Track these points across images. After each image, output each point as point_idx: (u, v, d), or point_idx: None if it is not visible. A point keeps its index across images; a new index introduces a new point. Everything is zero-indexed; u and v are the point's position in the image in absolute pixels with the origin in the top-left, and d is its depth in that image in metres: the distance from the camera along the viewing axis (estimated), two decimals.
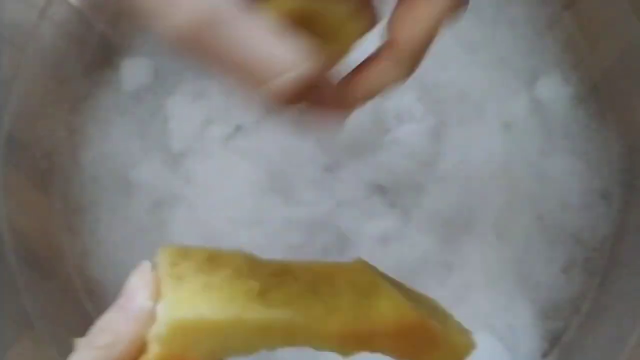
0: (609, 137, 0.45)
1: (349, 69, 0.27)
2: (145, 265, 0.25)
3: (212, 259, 0.25)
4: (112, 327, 0.24)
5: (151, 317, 0.23)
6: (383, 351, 0.24)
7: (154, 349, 0.23)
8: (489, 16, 0.46)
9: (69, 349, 0.24)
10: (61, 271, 0.45)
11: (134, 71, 0.48)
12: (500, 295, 0.43)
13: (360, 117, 0.44)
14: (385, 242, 0.43)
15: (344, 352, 0.24)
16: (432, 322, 0.24)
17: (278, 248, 0.43)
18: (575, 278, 0.44)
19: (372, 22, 0.26)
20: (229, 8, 0.21)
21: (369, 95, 0.26)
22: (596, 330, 0.42)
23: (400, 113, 0.45)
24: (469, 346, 0.25)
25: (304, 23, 0.23)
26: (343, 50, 0.25)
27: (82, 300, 0.45)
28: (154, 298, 0.24)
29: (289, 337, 0.23)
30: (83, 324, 0.24)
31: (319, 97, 0.25)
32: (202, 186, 0.45)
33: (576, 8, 0.46)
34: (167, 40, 0.22)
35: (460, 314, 0.44)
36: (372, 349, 0.24)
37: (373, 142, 0.44)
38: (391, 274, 0.44)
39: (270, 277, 0.25)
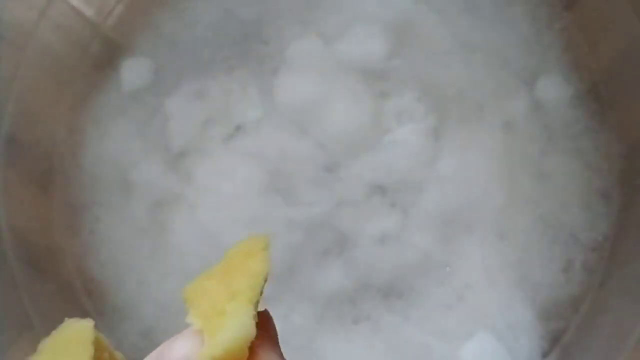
0: (609, 137, 0.45)
1: None
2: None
3: None
4: None
5: None
6: None
7: None
8: (488, 16, 0.46)
9: None
10: (61, 271, 0.45)
11: (134, 71, 0.48)
12: (500, 295, 0.43)
13: (360, 117, 0.44)
14: (385, 242, 0.43)
15: None
16: None
17: (278, 248, 0.43)
18: (575, 278, 0.44)
19: None
20: None
21: None
22: (596, 330, 0.42)
23: (400, 113, 0.45)
24: None
25: None
26: None
27: (82, 300, 0.45)
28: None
29: None
30: None
31: None
32: (202, 186, 0.45)
33: (576, 8, 0.46)
34: None
35: (460, 314, 0.44)
36: None
37: (373, 142, 0.44)
38: (391, 274, 0.44)
39: None
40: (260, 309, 0.24)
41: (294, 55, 0.46)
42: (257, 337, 0.21)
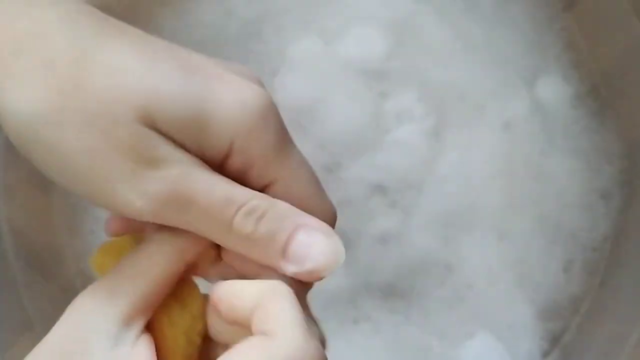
0: (609, 137, 0.45)
1: None
2: None
3: None
4: None
5: None
6: None
7: None
8: (489, 16, 0.46)
9: None
10: (61, 271, 0.45)
11: None
12: (500, 295, 0.43)
13: (360, 117, 0.44)
14: (385, 242, 0.43)
15: None
16: None
17: None
18: (575, 278, 0.44)
19: None
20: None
21: None
22: (596, 330, 0.42)
23: (400, 113, 0.45)
24: None
25: None
26: None
27: None
28: None
29: None
30: None
31: None
32: None
33: (576, 8, 0.46)
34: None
35: (460, 314, 0.44)
36: None
37: (373, 142, 0.44)
38: (391, 274, 0.44)
39: None
40: None
41: (294, 55, 0.46)
42: None
